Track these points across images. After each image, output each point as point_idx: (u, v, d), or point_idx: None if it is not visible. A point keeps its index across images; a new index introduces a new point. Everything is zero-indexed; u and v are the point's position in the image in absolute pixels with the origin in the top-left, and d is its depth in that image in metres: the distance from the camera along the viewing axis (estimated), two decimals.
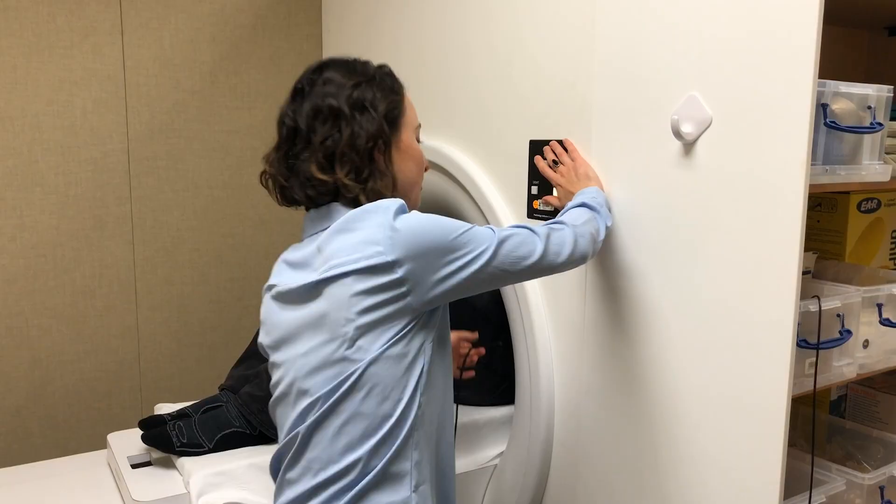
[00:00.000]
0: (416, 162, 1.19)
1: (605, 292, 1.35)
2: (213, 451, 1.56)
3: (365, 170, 1.08)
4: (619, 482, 1.36)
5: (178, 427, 1.57)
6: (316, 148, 1.07)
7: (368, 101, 1.09)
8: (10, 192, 1.94)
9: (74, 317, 2.05)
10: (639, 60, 1.25)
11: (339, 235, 1.05)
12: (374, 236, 1.01)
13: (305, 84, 1.12)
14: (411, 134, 1.18)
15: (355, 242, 1.02)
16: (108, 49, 2.02)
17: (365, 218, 1.03)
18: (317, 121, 1.08)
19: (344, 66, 1.13)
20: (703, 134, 1.15)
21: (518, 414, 1.62)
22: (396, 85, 1.16)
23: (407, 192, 1.17)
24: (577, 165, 1.35)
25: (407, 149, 1.16)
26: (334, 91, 1.09)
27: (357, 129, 1.07)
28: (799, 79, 1.02)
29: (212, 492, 1.45)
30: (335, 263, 1.02)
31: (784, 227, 1.06)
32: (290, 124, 1.10)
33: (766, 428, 1.10)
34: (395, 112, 1.13)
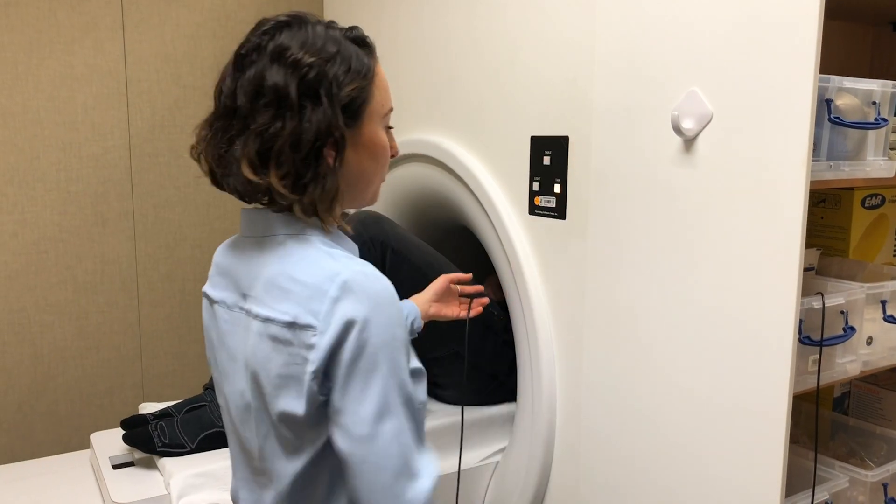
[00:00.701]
0: (378, 158, 0.95)
1: (606, 290, 1.35)
2: (195, 452, 1.54)
3: (307, 174, 0.87)
4: (620, 479, 1.35)
5: (160, 427, 1.55)
6: (251, 139, 0.86)
7: (325, 88, 0.86)
8: (12, 188, 1.94)
9: (76, 313, 2.05)
10: (639, 55, 1.24)
11: (270, 291, 0.88)
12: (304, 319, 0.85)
13: (251, 52, 0.88)
14: (377, 125, 0.94)
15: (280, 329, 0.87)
16: (109, 45, 2.02)
17: (299, 293, 0.86)
18: (257, 102, 0.86)
19: (302, 35, 0.88)
20: (704, 130, 1.14)
21: (520, 411, 1.62)
22: (365, 62, 0.91)
23: (360, 192, 0.97)
24: None
25: (368, 143, 0.93)
26: (284, 71, 0.86)
27: (304, 123, 0.85)
28: (800, 74, 1.01)
29: (193, 493, 1.44)
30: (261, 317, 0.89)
31: (785, 224, 1.05)
32: (227, 102, 0.89)
33: (767, 425, 1.09)
34: (359, 101, 0.90)
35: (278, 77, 0.85)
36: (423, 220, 1.97)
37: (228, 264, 0.98)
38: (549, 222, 1.46)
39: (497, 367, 1.77)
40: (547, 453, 1.51)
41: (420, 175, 1.82)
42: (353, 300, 0.82)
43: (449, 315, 1.44)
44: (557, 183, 1.42)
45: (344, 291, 0.82)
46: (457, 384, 1.77)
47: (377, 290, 0.84)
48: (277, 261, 0.89)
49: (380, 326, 0.82)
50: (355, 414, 0.82)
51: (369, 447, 0.82)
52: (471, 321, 1.51)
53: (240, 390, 0.94)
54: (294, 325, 0.85)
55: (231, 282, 0.96)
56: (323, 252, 0.88)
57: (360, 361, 0.82)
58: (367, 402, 0.82)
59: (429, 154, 1.75)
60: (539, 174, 1.46)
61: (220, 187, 0.95)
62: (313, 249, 0.89)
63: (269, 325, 0.87)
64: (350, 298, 0.82)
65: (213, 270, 1.01)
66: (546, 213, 1.46)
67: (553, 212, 1.44)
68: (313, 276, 0.85)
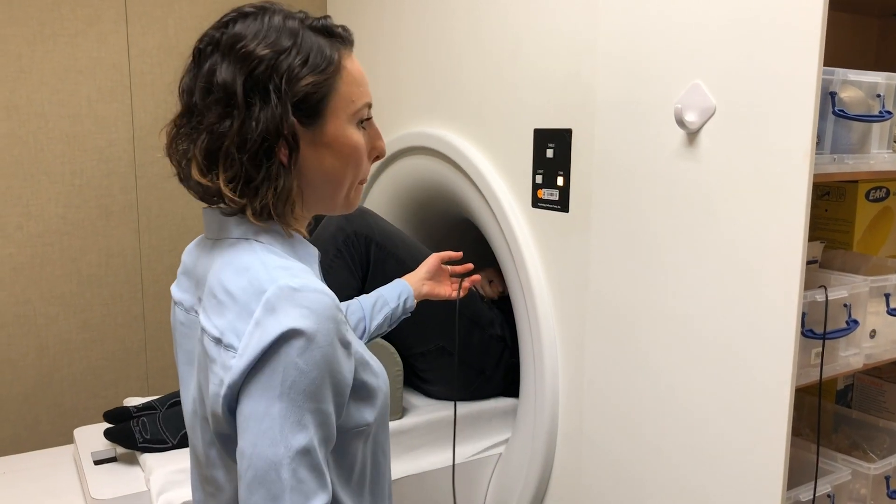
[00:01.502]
0: (346, 159, 0.87)
1: (609, 283, 1.35)
2: (177, 447, 1.51)
3: (257, 175, 0.81)
4: (622, 471, 1.36)
5: (142, 422, 1.52)
6: (200, 138, 0.82)
7: (275, 84, 0.80)
8: (17, 181, 1.94)
9: (81, 305, 2.06)
10: (642, 48, 1.23)
11: (210, 300, 0.83)
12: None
13: (207, 45, 0.84)
14: (343, 123, 0.86)
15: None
16: (112, 37, 2.02)
17: (230, 309, 0.79)
18: (208, 99, 0.81)
19: (257, 25, 0.82)
20: (707, 123, 1.14)
21: (523, 403, 1.62)
22: (327, 55, 0.84)
23: (329, 195, 0.89)
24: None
25: (332, 142, 0.85)
26: (233, 66, 0.80)
27: (250, 122, 0.79)
28: (804, 66, 1.01)
29: (173, 489, 1.41)
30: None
31: (788, 217, 1.05)
32: (187, 93, 0.85)
33: (770, 417, 1.10)
34: (317, 97, 0.83)
35: (227, 72, 0.80)
36: (425, 214, 1.97)
37: (191, 264, 0.93)
38: (552, 215, 1.46)
39: (484, 361, 1.76)
40: (550, 444, 1.52)
41: (423, 168, 1.82)
42: (274, 321, 0.74)
43: (442, 294, 1.41)
44: (560, 176, 1.42)
45: (266, 311, 0.75)
46: (442, 379, 1.76)
47: (304, 305, 0.75)
48: (220, 268, 0.83)
49: (303, 350, 0.74)
50: (243, 443, 0.75)
51: (243, 491, 0.74)
52: (455, 316, 1.49)
53: (192, 396, 0.89)
54: (220, 343, 0.79)
55: (192, 283, 0.91)
56: (260, 262, 0.80)
57: (258, 380, 0.74)
58: (256, 434, 0.74)
59: (432, 147, 1.75)
60: (542, 167, 1.46)
61: (187, 188, 0.89)
62: (254, 258, 0.81)
63: (204, 336, 0.82)
64: (271, 319, 0.74)
65: (180, 269, 0.96)
66: (549, 206, 1.46)
67: (556, 205, 1.44)
68: (244, 292, 0.78)
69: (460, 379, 1.72)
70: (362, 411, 0.85)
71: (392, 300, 1.32)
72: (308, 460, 0.74)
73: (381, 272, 1.65)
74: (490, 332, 1.76)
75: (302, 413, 0.74)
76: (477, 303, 1.76)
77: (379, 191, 1.99)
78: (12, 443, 2.00)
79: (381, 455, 0.93)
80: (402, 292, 1.33)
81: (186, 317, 0.91)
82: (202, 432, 0.87)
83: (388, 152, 1.90)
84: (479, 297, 1.80)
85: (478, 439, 1.73)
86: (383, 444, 0.93)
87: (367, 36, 2.01)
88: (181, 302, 0.93)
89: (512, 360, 1.78)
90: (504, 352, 1.78)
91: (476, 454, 1.71)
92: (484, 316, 1.76)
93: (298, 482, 0.73)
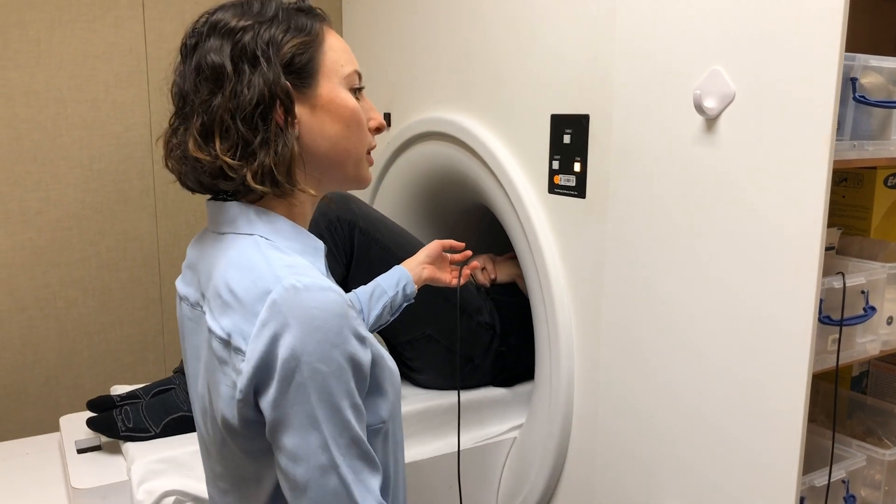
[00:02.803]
0: (346, 121, 0.87)
1: (625, 268, 1.35)
2: (160, 436, 1.50)
3: (254, 140, 0.81)
4: (637, 456, 1.37)
5: (125, 411, 1.51)
6: (195, 115, 0.83)
7: (261, 49, 0.82)
8: (36, 165, 1.96)
9: (100, 289, 2.08)
10: (661, 34, 1.23)
11: (215, 300, 0.82)
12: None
13: (190, 38, 0.87)
14: (336, 85, 0.87)
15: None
16: (129, 23, 2.02)
17: (235, 310, 0.79)
18: (199, 82, 0.83)
19: (236, 7, 0.86)
20: (726, 109, 1.14)
21: (538, 388, 1.63)
22: (310, 23, 0.87)
23: (338, 165, 0.89)
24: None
25: (328, 105, 0.86)
26: (219, 42, 0.83)
27: (241, 87, 0.81)
28: (825, 52, 1.00)
29: (154, 479, 1.40)
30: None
31: (807, 203, 1.05)
32: (178, 91, 0.87)
33: (786, 403, 1.10)
34: (304, 58, 0.85)
35: (214, 50, 0.83)
36: (439, 200, 1.98)
37: (194, 259, 0.92)
38: (568, 201, 1.46)
39: (472, 349, 1.73)
40: (565, 429, 1.53)
41: (438, 153, 1.83)
42: (280, 322, 0.74)
43: (443, 280, 1.39)
44: (577, 161, 1.42)
45: (272, 313, 0.74)
46: (430, 367, 1.75)
47: (311, 305, 0.74)
48: (225, 267, 0.82)
49: (311, 354, 0.73)
50: (290, 457, 0.76)
51: (303, 498, 0.76)
52: (443, 304, 1.48)
53: (200, 393, 0.90)
54: (229, 345, 0.79)
55: (195, 277, 0.90)
56: (264, 260, 0.80)
57: (287, 395, 0.74)
58: (301, 445, 0.75)
59: (447, 132, 1.75)
60: (559, 153, 1.46)
61: (188, 189, 0.90)
62: (258, 256, 0.81)
63: (212, 337, 0.82)
64: (277, 320, 0.74)
65: (184, 262, 0.96)
66: (566, 192, 1.46)
67: (573, 190, 1.45)
68: (248, 293, 0.78)
69: (448, 367, 1.70)
70: (378, 407, 0.85)
71: (390, 289, 1.30)
72: (358, 451, 0.77)
73: (366, 258, 1.63)
74: (478, 319, 1.73)
75: (341, 412, 0.75)
76: (465, 289, 1.73)
77: (393, 176, 2.00)
78: (35, 424, 2.03)
79: (398, 450, 0.94)
80: (401, 279, 1.31)
81: (192, 312, 0.90)
82: (212, 429, 0.87)
83: (404, 138, 1.91)
84: (473, 284, 1.78)
85: (465, 430, 1.69)
86: (398, 439, 0.94)
87: (384, 21, 2.01)
88: (186, 297, 0.92)
89: (501, 349, 1.76)
90: (493, 340, 1.76)
91: (467, 446, 1.71)
92: (471, 303, 1.73)
93: (357, 473, 0.76)
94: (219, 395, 0.81)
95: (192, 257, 0.93)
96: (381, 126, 0.94)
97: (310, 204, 0.91)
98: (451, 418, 1.69)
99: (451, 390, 1.73)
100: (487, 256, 1.92)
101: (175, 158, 0.87)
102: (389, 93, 2.01)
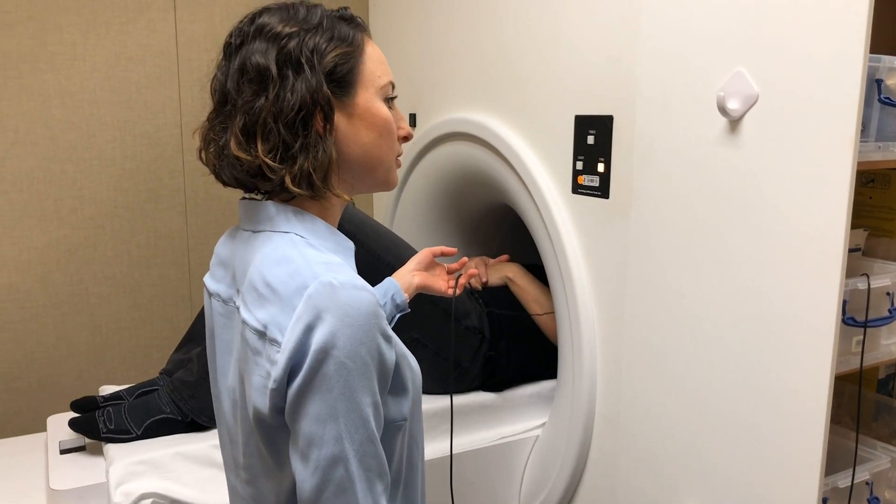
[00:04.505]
0: (380, 130, 0.91)
1: (648, 269, 1.36)
2: (141, 438, 1.50)
3: (294, 144, 0.84)
4: (659, 456, 1.37)
5: (107, 412, 1.51)
6: (237, 115, 0.86)
7: (306, 56, 0.85)
8: (71, 165, 2.01)
9: (131, 286, 2.13)
10: (685, 34, 1.23)
11: (250, 293, 0.85)
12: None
13: (235, 37, 0.90)
14: (372, 95, 0.91)
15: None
16: (161, 25, 2.07)
17: (272, 303, 0.81)
18: (242, 83, 0.86)
19: (282, 12, 0.89)
20: (750, 110, 1.14)
21: (560, 387, 1.64)
22: (352, 32, 0.90)
23: (369, 170, 0.93)
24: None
25: (364, 114, 0.90)
26: (264, 45, 0.86)
27: (285, 92, 0.84)
28: (850, 53, 1.00)
29: (132, 481, 1.39)
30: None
31: (831, 204, 1.05)
32: (219, 88, 0.90)
33: (809, 404, 1.10)
34: (346, 67, 0.88)
35: (259, 52, 0.85)
36: (462, 199, 1.99)
37: (227, 256, 0.95)
38: (592, 201, 1.47)
39: (460, 354, 1.71)
40: (587, 427, 1.54)
41: (462, 154, 1.84)
42: (314, 315, 0.76)
43: (437, 288, 1.33)
44: (601, 162, 1.43)
45: (307, 307, 0.77)
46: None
47: (345, 302, 0.77)
48: (260, 261, 0.85)
49: (340, 349, 0.75)
50: (304, 443, 0.78)
51: (309, 494, 0.77)
52: (429, 307, 1.43)
53: (230, 386, 0.92)
54: (264, 336, 0.81)
55: (228, 274, 0.93)
56: (301, 256, 0.82)
57: (312, 384, 0.76)
58: (316, 433, 0.76)
59: (472, 133, 1.77)
60: (583, 153, 1.47)
61: (222, 183, 0.93)
62: (295, 252, 0.83)
63: (246, 329, 0.84)
64: (312, 314, 0.76)
65: (213, 260, 0.99)
66: (589, 192, 1.47)
67: (596, 191, 1.45)
68: (285, 286, 0.80)
69: (436, 371, 1.67)
70: (401, 404, 0.87)
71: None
72: (372, 450, 0.78)
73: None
74: (465, 323, 1.71)
75: (361, 409, 0.77)
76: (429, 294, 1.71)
77: (417, 177, 2.02)
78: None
79: (416, 449, 0.95)
80: (388, 290, 1.26)
81: (224, 308, 0.93)
82: (242, 421, 0.89)
83: (428, 139, 1.93)
84: (465, 289, 1.75)
85: (456, 435, 1.68)
86: (417, 438, 0.95)
87: (408, 22, 2.03)
88: (217, 293, 0.95)
89: (490, 353, 1.74)
90: (482, 344, 1.74)
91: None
92: (459, 307, 1.71)
93: (366, 471, 0.77)
94: (251, 385, 0.83)
95: (223, 255, 0.96)
96: (409, 135, 0.98)
97: (339, 206, 0.95)
98: (439, 422, 1.67)
99: (440, 394, 1.69)
100: (480, 259, 1.92)
101: (212, 153, 0.90)
102: (414, 94, 2.03)
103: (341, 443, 0.76)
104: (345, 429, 0.76)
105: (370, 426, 0.78)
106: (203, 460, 1.47)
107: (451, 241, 2.09)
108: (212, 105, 0.92)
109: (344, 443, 0.76)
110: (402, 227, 2.12)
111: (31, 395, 2.05)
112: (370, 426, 0.78)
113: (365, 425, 0.77)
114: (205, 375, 1.53)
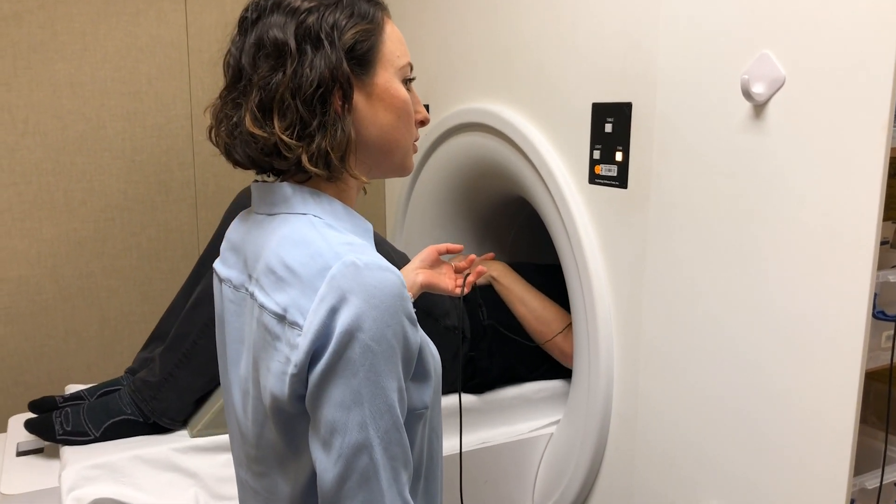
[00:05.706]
0: (398, 112, 0.88)
1: (668, 261, 1.32)
2: (100, 440, 1.43)
3: (312, 122, 0.82)
4: (678, 456, 1.33)
5: (65, 413, 1.45)
6: (253, 92, 0.83)
7: (326, 32, 0.82)
8: (81, 156, 2.00)
9: (141, 279, 2.12)
10: (707, 17, 1.19)
11: (268, 276, 0.82)
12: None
13: (252, 12, 0.87)
14: (392, 76, 0.88)
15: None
16: (171, 16, 2.05)
17: (292, 285, 0.78)
18: (259, 58, 0.83)
19: None
20: (775, 95, 1.10)
21: (576, 384, 1.60)
22: (372, 10, 0.87)
23: (386, 153, 0.90)
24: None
25: (383, 94, 0.87)
26: (282, 20, 0.83)
27: (303, 68, 0.81)
28: (882, 34, 0.96)
29: (85, 486, 1.33)
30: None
31: (862, 194, 1.00)
32: (234, 64, 0.87)
33: (837, 402, 1.06)
34: (366, 45, 0.85)
35: (277, 26, 0.82)
36: (477, 190, 1.96)
37: (239, 240, 0.92)
38: (609, 191, 1.43)
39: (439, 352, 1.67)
40: (603, 426, 1.50)
41: (476, 144, 1.81)
42: (338, 297, 0.73)
43: (443, 286, 1.28)
44: (619, 151, 1.39)
45: (331, 288, 0.74)
46: None
47: (370, 283, 0.74)
48: (277, 243, 0.82)
49: (366, 331, 0.72)
50: (326, 430, 0.74)
51: (331, 484, 0.74)
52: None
53: (242, 375, 0.89)
54: (284, 320, 0.78)
55: (240, 259, 0.91)
56: (321, 237, 0.80)
57: (336, 368, 0.73)
58: (340, 419, 0.73)
59: (486, 123, 1.73)
60: (600, 142, 1.43)
61: (234, 162, 0.90)
62: (315, 233, 0.81)
63: (263, 313, 0.81)
64: (336, 295, 0.73)
65: (224, 245, 0.96)
66: (607, 182, 1.43)
67: (614, 181, 1.41)
68: (306, 268, 0.77)
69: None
70: (422, 392, 0.84)
71: None
72: (397, 437, 0.75)
73: None
74: (445, 322, 1.66)
75: (386, 394, 0.74)
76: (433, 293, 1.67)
77: (432, 167, 1.98)
78: None
79: (436, 440, 0.92)
80: None
81: (236, 294, 0.90)
82: (253, 412, 0.87)
83: (443, 128, 1.89)
84: (472, 292, 1.71)
85: (445, 438, 1.60)
86: (437, 429, 0.92)
87: (424, 12, 1.99)
88: (229, 279, 0.92)
89: (471, 354, 1.69)
90: (462, 344, 1.67)
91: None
92: (438, 306, 1.65)
93: (391, 459, 0.74)
94: (269, 371, 0.80)
95: (234, 239, 0.94)
96: (426, 119, 0.96)
97: (356, 189, 0.92)
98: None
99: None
100: (473, 257, 1.86)
101: (225, 131, 0.87)
102: (429, 83, 2.00)
103: (366, 430, 0.73)
104: (369, 415, 0.73)
105: (395, 413, 0.75)
106: (163, 464, 1.41)
107: (464, 235, 2.06)
108: (224, 82, 0.89)
109: (368, 430, 0.73)
110: (415, 219, 2.09)
111: (40, 388, 2.03)
112: (395, 413, 0.75)
113: (390, 411, 0.74)
114: (167, 376, 1.48)
